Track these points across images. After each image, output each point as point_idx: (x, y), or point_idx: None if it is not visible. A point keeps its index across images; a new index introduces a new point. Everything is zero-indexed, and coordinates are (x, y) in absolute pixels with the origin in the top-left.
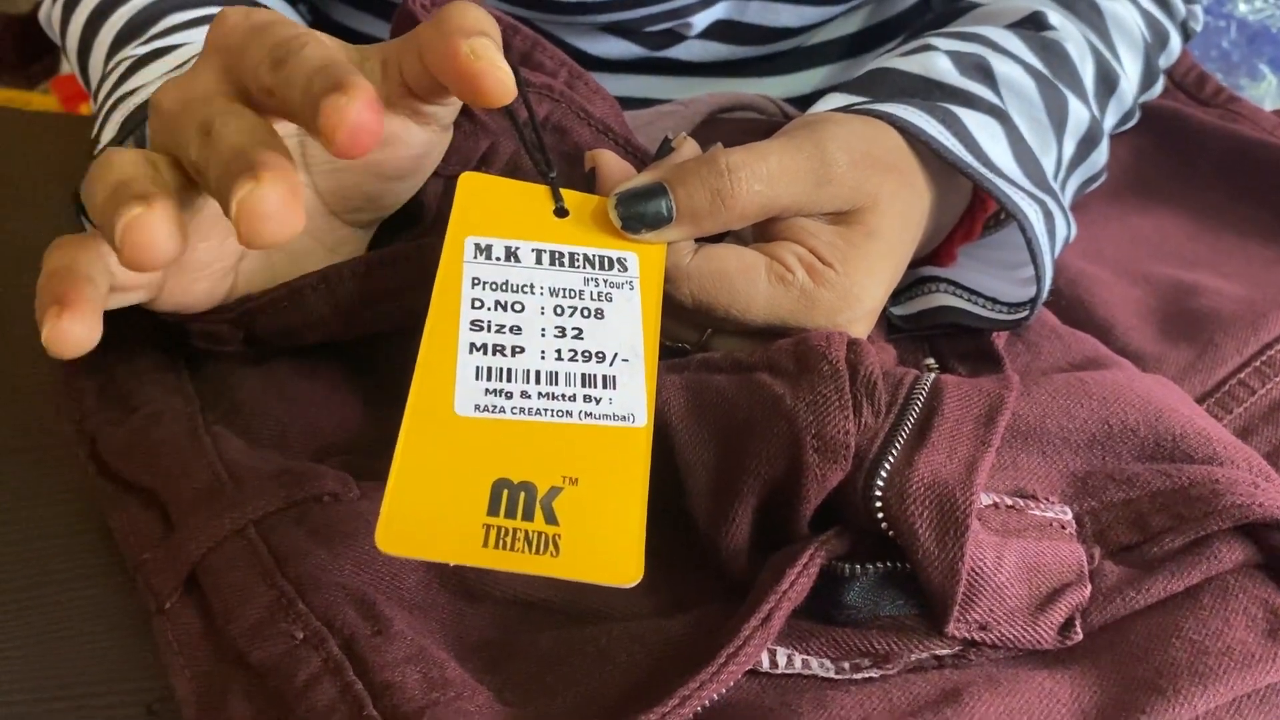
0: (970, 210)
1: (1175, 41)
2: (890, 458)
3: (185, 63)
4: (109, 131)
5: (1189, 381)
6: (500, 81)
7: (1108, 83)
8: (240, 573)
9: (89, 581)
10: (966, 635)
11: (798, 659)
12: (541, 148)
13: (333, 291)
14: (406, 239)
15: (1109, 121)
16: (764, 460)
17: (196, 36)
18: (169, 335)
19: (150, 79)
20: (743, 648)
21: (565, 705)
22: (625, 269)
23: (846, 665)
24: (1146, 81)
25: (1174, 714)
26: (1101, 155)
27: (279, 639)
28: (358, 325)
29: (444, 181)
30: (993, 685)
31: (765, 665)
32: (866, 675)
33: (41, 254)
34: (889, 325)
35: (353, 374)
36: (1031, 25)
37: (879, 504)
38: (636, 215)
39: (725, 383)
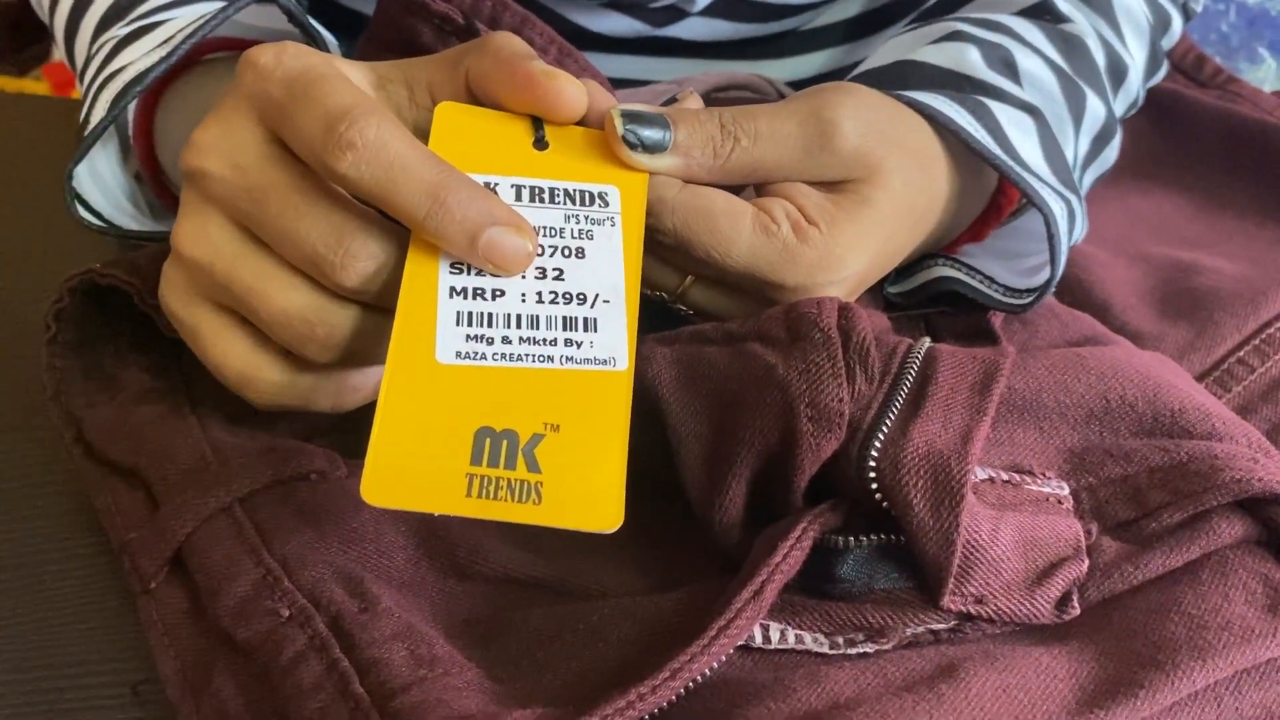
0: (984, 214)
1: (1177, 24)
2: (884, 427)
3: (170, 39)
4: (99, 111)
5: (1188, 360)
6: (577, 94)
7: (1117, 73)
8: (226, 551)
9: (75, 563)
10: (962, 608)
11: (791, 634)
12: None
13: None
14: None
15: (1117, 112)
16: (757, 431)
17: (177, 14)
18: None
19: (134, 57)
20: (734, 620)
21: (556, 681)
22: (606, 204)
23: (840, 640)
24: (1151, 67)
25: (1173, 689)
26: (1113, 151)
27: (265, 617)
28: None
29: None
30: (989, 661)
31: (758, 640)
32: (861, 650)
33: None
34: (887, 304)
35: None
36: (1047, 15)
37: (873, 474)
38: (637, 133)
39: (717, 354)
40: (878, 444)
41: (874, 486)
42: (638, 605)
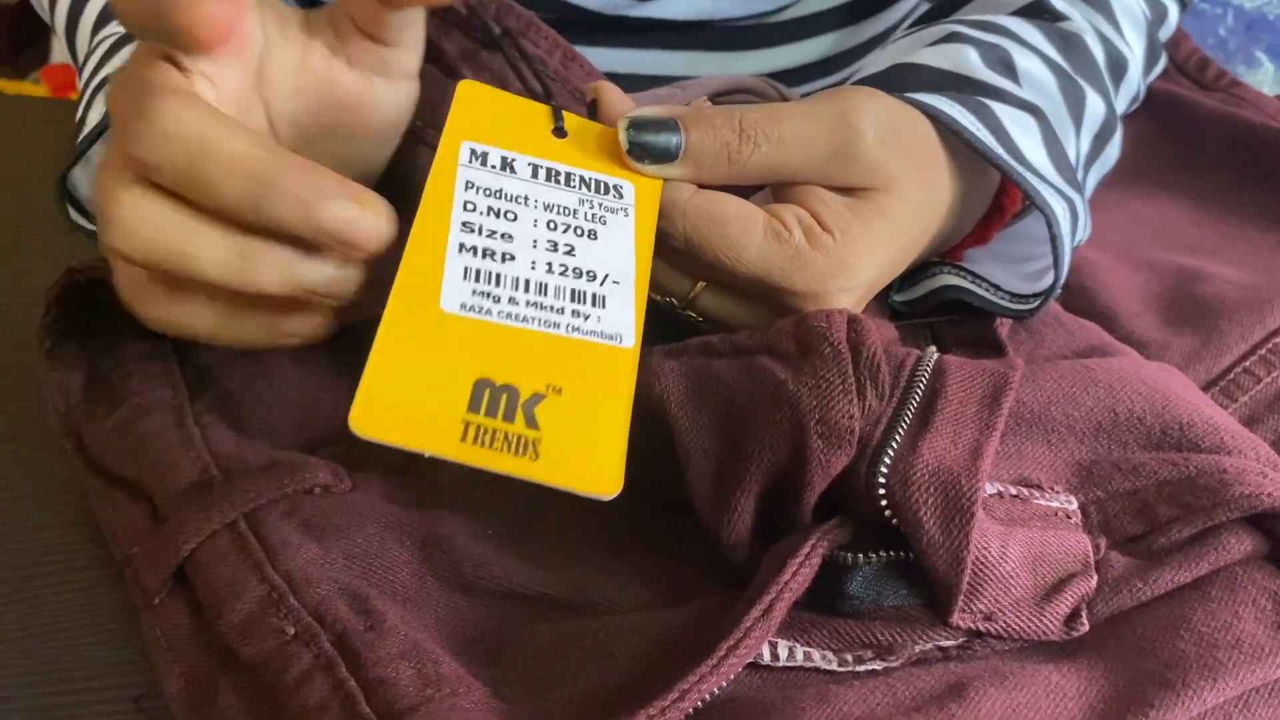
0: (987, 216)
1: (1173, 15)
2: (894, 443)
3: None
4: (95, 114)
5: (1193, 369)
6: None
7: (1117, 68)
8: (230, 567)
9: (78, 575)
10: (971, 625)
11: (799, 651)
12: (539, 76)
13: None
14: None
15: (1120, 107)
16: (767, 447)
17: None
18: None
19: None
20: (743, 640)
21: (563, 700)
22: (621, 196)
23: (849, 657)
24: (1150, 60)
25: (1183, 708)
26: (1115, 149)
27: (270, 635)
28: (352, 312)
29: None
30: (998, 679)
31: (767, 658)
32: (870, 668)
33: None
34: (892, 313)
35: (343, 362)
36: (1044, 14)
37: (882, 491)
38: (644, 143)
39: (725, 368)
40: (887, 460)
41: (883, 503)
42: (645, 622)
